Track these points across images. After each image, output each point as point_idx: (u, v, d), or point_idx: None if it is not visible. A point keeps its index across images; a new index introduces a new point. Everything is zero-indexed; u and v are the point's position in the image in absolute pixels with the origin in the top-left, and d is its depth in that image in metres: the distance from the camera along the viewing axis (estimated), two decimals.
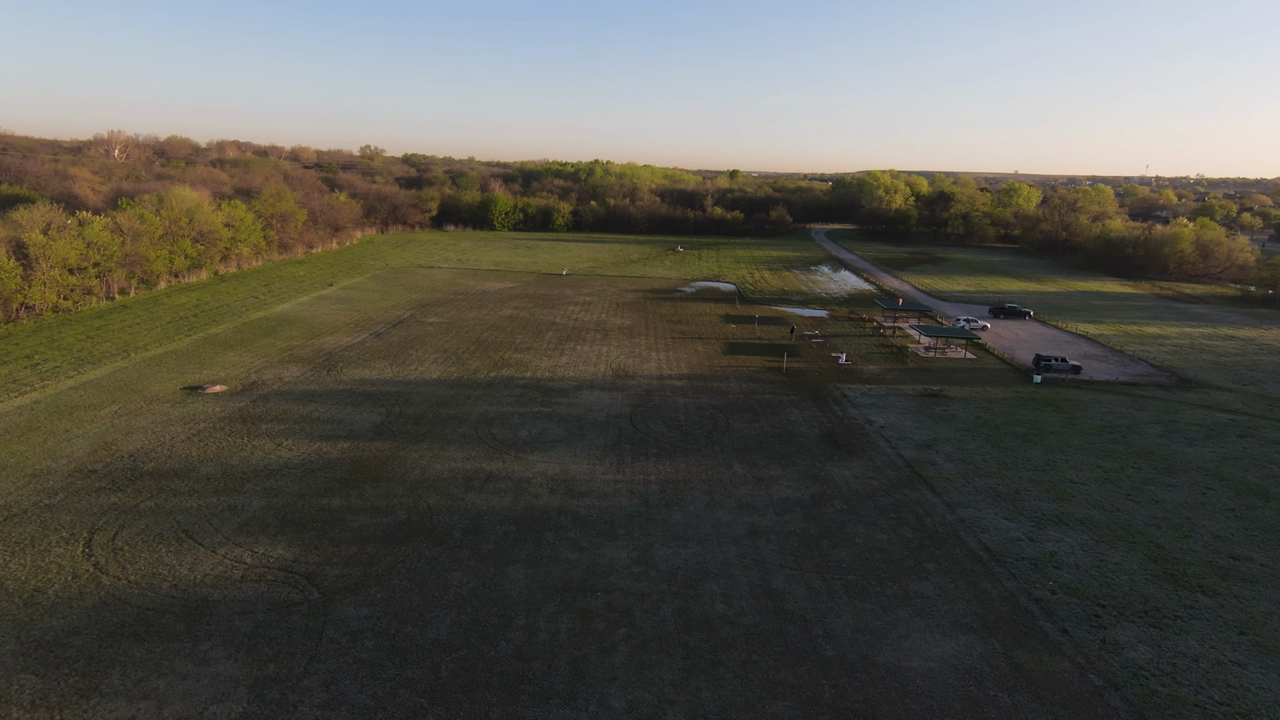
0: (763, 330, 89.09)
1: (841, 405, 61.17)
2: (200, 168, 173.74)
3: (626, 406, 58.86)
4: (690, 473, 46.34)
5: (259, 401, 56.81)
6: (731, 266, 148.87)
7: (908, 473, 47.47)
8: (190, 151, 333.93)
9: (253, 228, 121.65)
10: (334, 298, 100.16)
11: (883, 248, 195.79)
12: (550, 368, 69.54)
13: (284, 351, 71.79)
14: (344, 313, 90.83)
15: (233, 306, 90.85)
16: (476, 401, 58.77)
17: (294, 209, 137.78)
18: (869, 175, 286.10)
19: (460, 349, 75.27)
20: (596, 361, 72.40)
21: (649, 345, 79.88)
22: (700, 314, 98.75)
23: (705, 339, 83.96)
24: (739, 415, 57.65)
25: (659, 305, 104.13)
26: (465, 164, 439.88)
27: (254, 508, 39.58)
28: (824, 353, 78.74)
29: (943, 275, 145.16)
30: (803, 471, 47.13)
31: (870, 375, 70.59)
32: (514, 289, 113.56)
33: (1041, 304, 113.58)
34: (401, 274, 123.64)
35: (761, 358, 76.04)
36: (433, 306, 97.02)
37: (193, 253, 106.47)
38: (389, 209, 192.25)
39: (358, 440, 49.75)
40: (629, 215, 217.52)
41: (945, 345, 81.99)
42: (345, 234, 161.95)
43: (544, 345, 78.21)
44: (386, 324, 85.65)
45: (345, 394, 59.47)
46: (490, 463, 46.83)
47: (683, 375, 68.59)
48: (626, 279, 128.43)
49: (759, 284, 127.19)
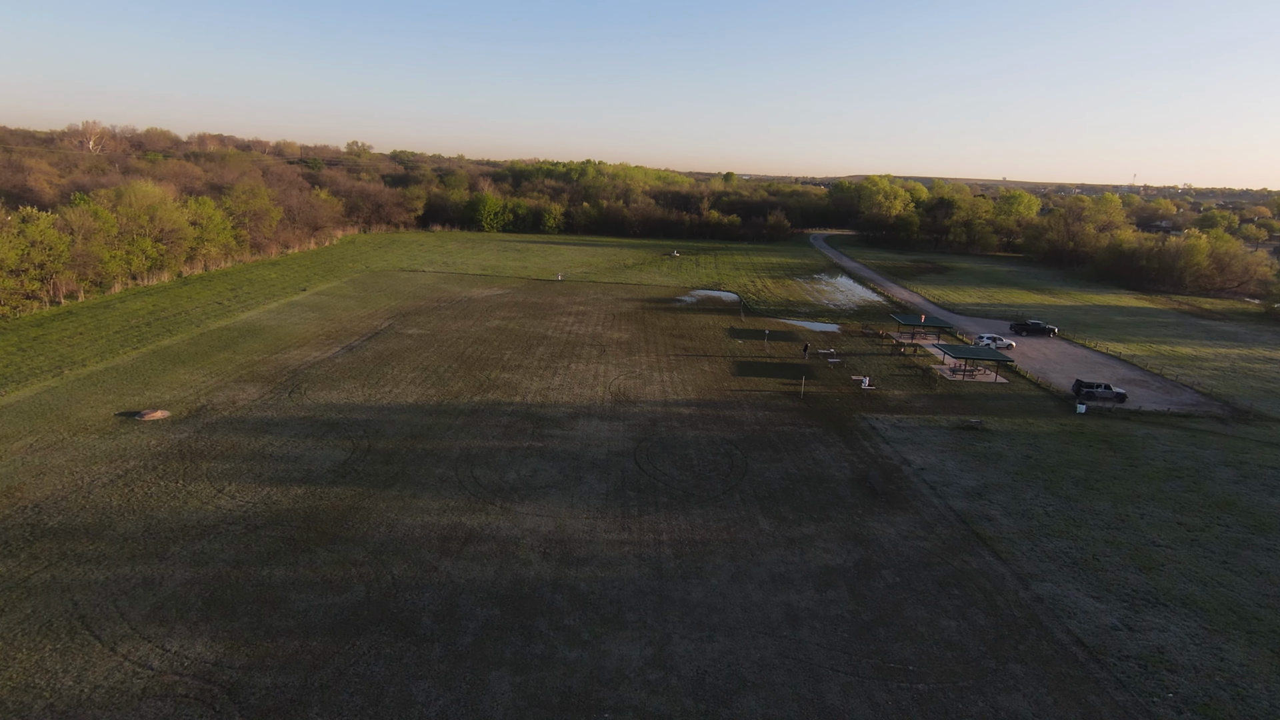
0: (773, 347, 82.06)
1: (871, 440, 54.17)
2: (173, 161, 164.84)
3: (629, 440, 51.58)
4: (709, 530, 39.13)
5: (204, 432, 49.05)
6: (731, 274, 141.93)
7: (962, 531, 40.49)
8: (169, 144, 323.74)
9: (222, 226, 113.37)
10: (306, 305, 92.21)
11: (884, 255, 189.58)
12: (542, 390, 62.13)
13: (242, 368, 63.95)
14: (315, 322, 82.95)
15: (192, 314, 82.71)
16: (458, 433, 51.27)
17: (268, 206, 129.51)
18: (867, 180, 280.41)
19: (442, 367, 67.70)
20: (594, 383, 65.08)
21: (651, 364, 72.62)
22: (703, 327, 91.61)
23: (711, 357, 76.81)
24: (758, 452, 50.52)
25: (658, 317, 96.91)
26: (455, 162, 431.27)
27: (176, 581, 31.97)
28: (843, 374, 71.81)
29: (951, 286, 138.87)
30: (840, 529, 40.04)
31: (897, 402, 63.69)
32: (502, 296, 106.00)
33: (1060, 319, 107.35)
34: (382, 278, 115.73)
35: (775, 379, 68.98)
36: (414, 316, 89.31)
37: (153, 253, 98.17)
38: (372, 207, 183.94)
39: (315, 484, 42.17)
40: (623, 218, 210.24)
41: (972, 367, 75.27)
42: (325, 233, 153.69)
43: (535, 363, 70.79)
44: (361, 336, 77.90)
45: (307, 423, 51.80)
46: (472, 515, 39.41)
47: (690, 401, 61.39)
48: (622, 286, 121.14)
49: (762, 294, 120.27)
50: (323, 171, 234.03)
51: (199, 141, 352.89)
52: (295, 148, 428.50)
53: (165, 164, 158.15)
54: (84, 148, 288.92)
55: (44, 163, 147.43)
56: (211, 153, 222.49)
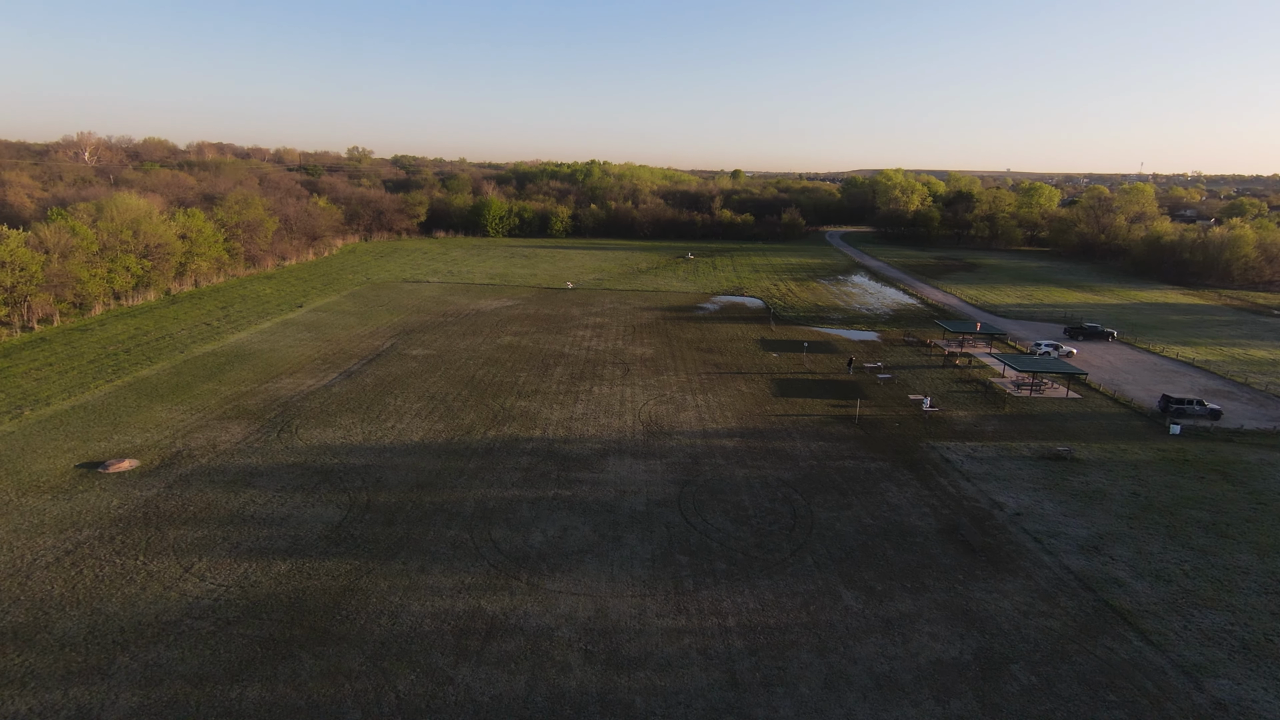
0: (813, 361, 74.74)
1: (948, 476, 46.87)
2: (164, 171, 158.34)
3: (671, 484, 44.41)
4: (784, 610, 31.92)
5: (176, 487, 42.08)
6: (751, 276, 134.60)
7: (1091, 602, 33.17)
8: (166, 154, 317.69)
9: (213, 239, 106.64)
10: (302, 323, 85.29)
11: (906, 252, 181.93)
12: (564, 421, 54.99)
13: (227, 402, 57.00)
14: (311, 344, 76.00)
15: (177, 337, 75.86)
16: (471, 480, 44.18)
17: (263, 216, 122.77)
18: (881, 175, 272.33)
19: (450, 394, 60.63)
20: (621, 410, 57.91)
21: (681, 384, 65.44)
22: (732, 339, 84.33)
23: (746, 374, 69.57)
24: (821, 496, 43.28)
25: (681, 328, 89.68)
26: (456, 165, 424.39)
27: (119, 712, 24.95)
28: (896, 392, 64.47)
29: (985, 284, 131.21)
30: (943, 603, 32.78)
31: (965, 426, 56.34)
32: (512, 308, 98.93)
33: (1111, 319, 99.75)
34: (384, 290, 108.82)
35: (821, 400, 61.72)
36: (418, 333, 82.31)
37: (138, 270, 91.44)
38: (373, 215, 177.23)
39: (303, 556, 35.14)
40: (632, 219, 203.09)
41: (1037, 380, 67.83)
42: (324, 243, 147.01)
43: (553, 387, 63.67)
44: (361, 359, 70.92)
45: (296, 471, 44.79)
46: (493, 596, 32.31)
47: (732, 430, 54.16)
48: (638, 294, 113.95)
49: (788, 298, 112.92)
50: (322, 178, 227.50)
51: (197, 150, 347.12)
52: (295, 154, 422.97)
53: (157, 174, 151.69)
54: (79, 159, 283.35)
55: (25, 175, 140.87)
56: (205, 161, 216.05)
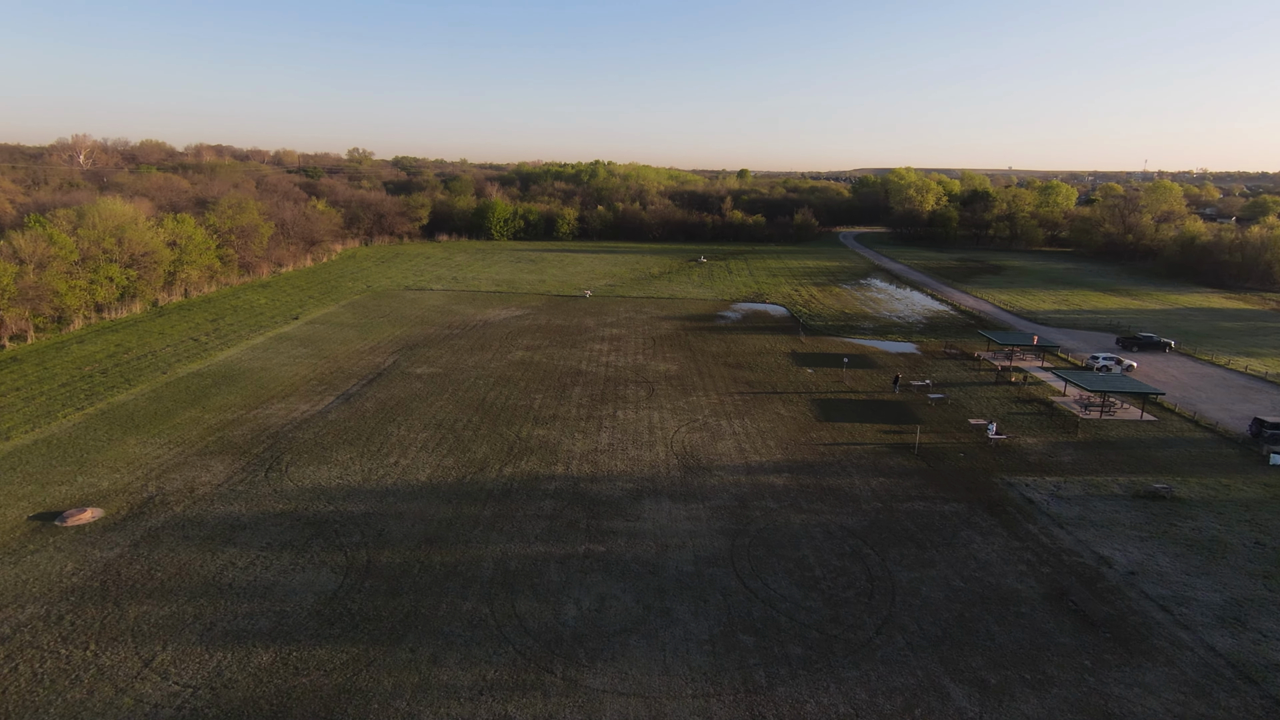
0: (853, 378, 68.58)
1: (1036, 520, 40.72)
2: (157, 174, 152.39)
3: (719, 534, 38.31)
4: (882, 718, 25.79)
5: (143, 545, 36.01)
6: (769, 281, 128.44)
7: (1257, 700, 27.03)
8: (164, 156, 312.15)
9: (204, 246, 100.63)
10: (298, 337, 79.23)
11: (925, 254, 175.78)
12: (589, 454, 48.89)
13: (211, 433, 50.93)
14: (307, 361, 69.94)
15: (161, 355, 69.82)
16: (488, 532, 38.09)
17: (258, 221, 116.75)
18: (893, 174, 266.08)
19: (460, 421, 54.55)
20: (650, 439, 51.81)
21: (713, 406, 59.31)
22: (760, 352, 78.18)
23: (782, 393, 63.46)
24: (896, 549, 37.16)
25: (704, 339, 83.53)
26: (458, 166, 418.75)
27: None
28: (951, 414, 58.32)
29: (1015, 288, 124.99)
30: (1077, 703, 26.63)
31: (1039, 456, 50.17)
32: (522, 318, 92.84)
33: (1160, 327, 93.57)
34: (385, 299, 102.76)
35: (871, 425, 55.58)
36: (422, 348, 76.23)
37: (122, 280, 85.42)
38: (374, 218, 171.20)
39: (291, 641, 29.05)
40: (640, 221, 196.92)
41: (1103, 400, 61.63)
42: (322, 248, 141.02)
43: (573, 410, 57.56)
44: (361, 378, 64.86)
45: (285, 521, 38.73)
46: (523, 700, 26.21)
47: (778, 464, 48.04)
48: (653, 301, 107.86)
49: (812, 305, 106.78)
50: (321, 180, 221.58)
51: (196, 153, 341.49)
52: (295, 156, 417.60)
53: (149, 177, 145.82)
54: (74, 162, 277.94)
55: (5, 179, 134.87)
56: (200, 164, 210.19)
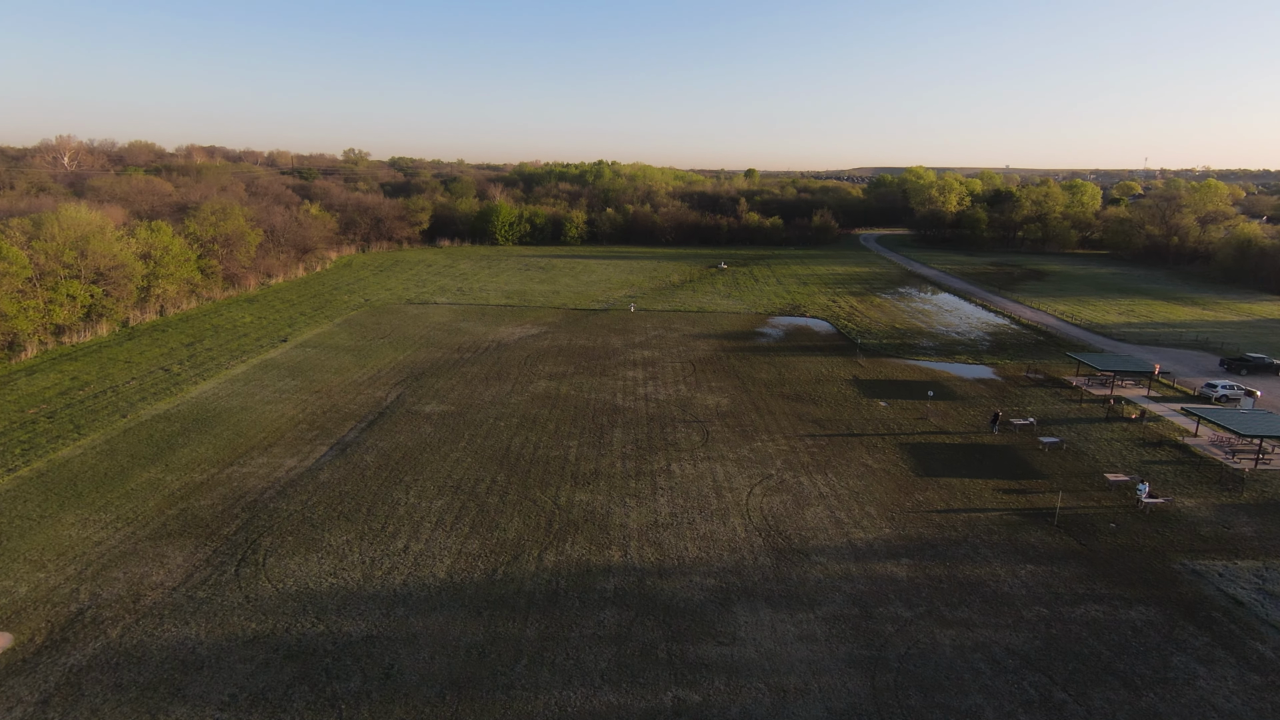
0: (937, 413, 58.47)
1: (1263, 635, 30.60)
2: (137, 176, 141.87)
3: (850, 669, 28.13)
4: None
5: (55, 702, 25.70)
6: (800, 290, 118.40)
7: None
8: (152, 158, 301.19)
9: (182, 257, 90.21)
10: (285, 365, 68.91)
11: (955, 258, 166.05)
12: (648, 528, 38.72)
13: (171, 502, 40.67)
14: (295, 397, 59.65)
15: (124, 391, 59.47)
16: (534, 668, 27.87)
17: (244, 228, 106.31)
18: (910, 173, 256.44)
19: (482, 481, 44.33)
20: (720, 505, 41.67)
21: (784, 455, 49.15)
22: (818, 379, 68.06)
23: (861, 435, 53.32)
24: (1100, 693, 27.00)
25: (750, 363, 73.40)
26: (455, 167, 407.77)
27: None
28: (1075, 464, 48.21)
29: (1068, 296, 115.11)
30: None
31: (1210, 527, 40.06)
32: (539, 338, 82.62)
33: (1248, 341, 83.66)
34: (385, 316, 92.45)
35: (984, 482, 45.47)
36: (429, 378, 65.98)
37: (85, 298, 75.05)
38: (371, 222, 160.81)
39: None
40: (652, 224, 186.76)
41: (1246, 443, 51.59)
42: (316, 256, 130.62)
43: (617, 463, 47.37)
44: (359, 420, 54.60)
45: (259, 654, 28.49)
46: None
47: (889, 542, 37.91)
48: (682, 315, 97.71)
49: (856, 318, 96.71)
50: (315, 183, 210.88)
51: (186, 154, 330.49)
52: (289, 157, 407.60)
53: (129, 180, 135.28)
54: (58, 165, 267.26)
55: None
56: (185, 165, 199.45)
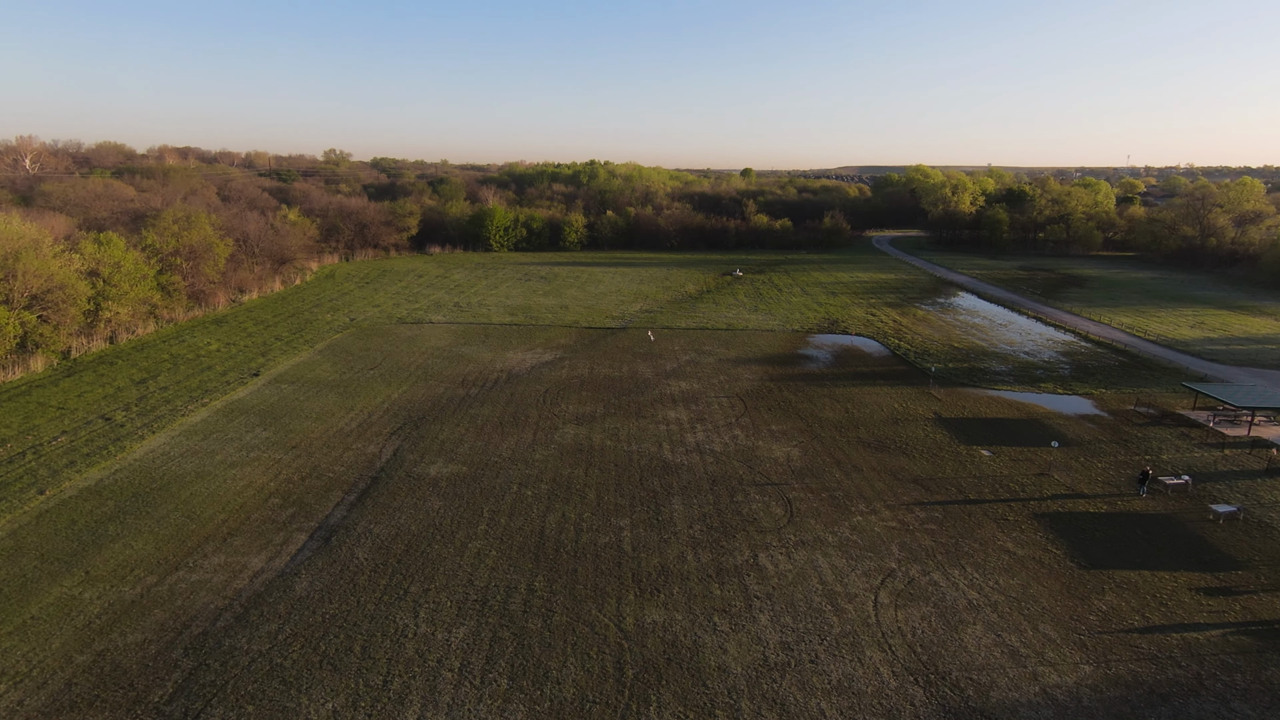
0: (1061, 468, 47.69)
1: None
2: (93, 180, 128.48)
3: None
4: None
5: None
6: (830, 301, 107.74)
7: None
8: (121, 159, 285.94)
9: (137, 274, 77.92)
10: (256, 408, 57.07)
11: (979, 261, 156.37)
12: (757, 674, 27.52)
13: (83, 643, 28.96)
14: (266, 455, 47.86)
15: (48, 454, 47.44)
16: None
17: (212, 238, 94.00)
18: (917, 171, 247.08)
19: (515, 592, 32.93)
20: (842, 626, 30.58)
21: (900, 539, 38.14)
22: (894, 417, 57.20)
23: (984, 503, 42.46)
24: None
25: (806, 396, 62.44)
26: (439, 168, 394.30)
27: None
28: (1271, 544, 37.66)
29: (1125, 306, 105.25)
30: None
31: None
32: (554, 365, 71.22)
33: None
34: (374, 339, 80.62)
35: (1172, 575, 34.74)
36: (432, 423, 54.40)
37: (15, 327, 62.80)
38: (355, 228, 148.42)
39: None
40: (656, 228, 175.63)
41: None
42: (295, 267, 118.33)
43: (688, 554, 36.13)
44: (347, 490, 43.01)
45: None
46: None
47: (1100, 692, 26.93)
48: (711, 334, 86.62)
49: (904, 335, 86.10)
50: (294, 185, 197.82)
51: (158, 155, 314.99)
52: (267, 158, 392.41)
53: (85, 184, 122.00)
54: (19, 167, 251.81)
55: None
56: (154, 168, 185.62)
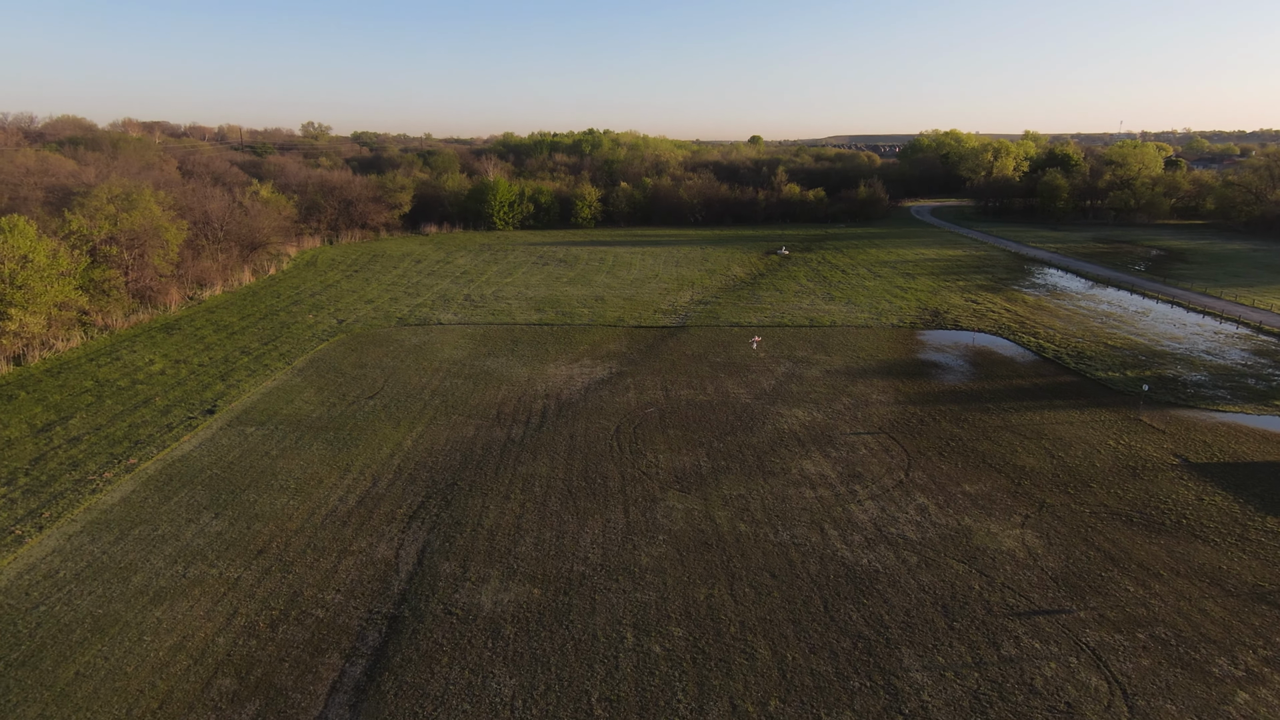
0: None
1: None
2: (23, 152, 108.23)
3: None
4: None
5: None
6: (911, 285, 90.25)
7: None
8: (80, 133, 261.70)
9: (54, 271, 59.09)
10: (205, 476, 39.00)
11: (1042, 233, 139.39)
12: None
13: None
14: (213, 573, 29.98)
15: None
16: None
17: (161, 220, 74.87)
18: (949, 137, 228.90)
19: None
20: None
21: None
22: (1125, 466, 40.03)
23: None
24: None
25: (979, 432, 45.06)
26: (424, 142, 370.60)
27: None
28: None
29: (1264, 286, 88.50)
30: None
31: None
32: (615, 385, 53.39)
33: None
34: (370, 350, 62.40)
35: None
36: (468, 496, 36.59)
37: None
38: (340, 205, 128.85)
39: None
40: (678, 200, 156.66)
41: None
42: (269, 252, 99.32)
43: None
44: (347, 649, 25.35)
45: None
46: None
47: None
48: (794, 331, 68.92)
49: (1033, 329, 68.82)
50: (268, 159, 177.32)
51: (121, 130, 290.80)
52: (242, 132, 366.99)
53: (12, 158, 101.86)
54: None
55: None
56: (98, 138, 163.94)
